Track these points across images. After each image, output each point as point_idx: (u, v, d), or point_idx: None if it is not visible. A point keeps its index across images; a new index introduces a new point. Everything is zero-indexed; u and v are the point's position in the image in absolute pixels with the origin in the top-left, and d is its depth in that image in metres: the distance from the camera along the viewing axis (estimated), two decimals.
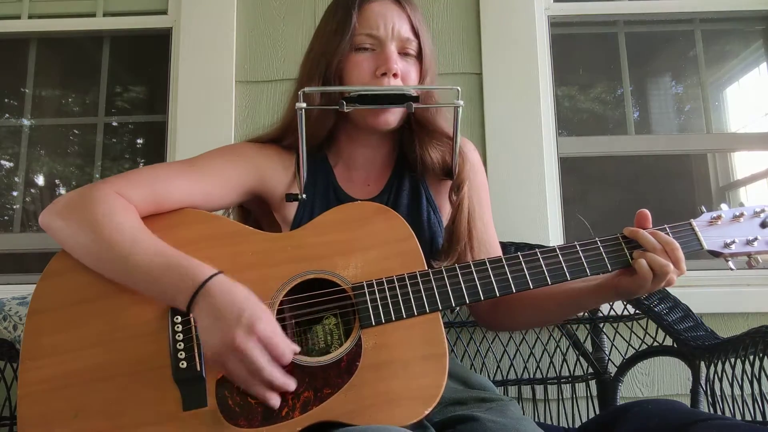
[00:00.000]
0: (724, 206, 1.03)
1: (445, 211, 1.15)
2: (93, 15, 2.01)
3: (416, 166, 1.13)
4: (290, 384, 0.86)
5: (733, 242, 1.00)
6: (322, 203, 1.10)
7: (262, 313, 0.84)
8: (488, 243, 1.17)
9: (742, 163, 2.01)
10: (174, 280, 0.88)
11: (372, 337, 0.91)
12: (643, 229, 0.98)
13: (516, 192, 1.72)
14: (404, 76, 1.06)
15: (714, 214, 1.02)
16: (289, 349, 0.85)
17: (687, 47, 2.07)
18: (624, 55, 2.03)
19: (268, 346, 0.83)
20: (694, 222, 1.01)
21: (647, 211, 1.00)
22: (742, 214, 1.02)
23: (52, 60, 2.15)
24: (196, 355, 0.87)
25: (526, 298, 1.05)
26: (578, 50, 2.09)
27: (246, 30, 1.86)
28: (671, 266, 0.93)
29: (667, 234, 0.98)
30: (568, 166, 1.87)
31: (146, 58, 2.12)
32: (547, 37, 1.87)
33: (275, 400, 0.85)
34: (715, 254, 1.01)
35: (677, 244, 0.94)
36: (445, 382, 0.88)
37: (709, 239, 1.00)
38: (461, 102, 1.01)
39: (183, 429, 0.86)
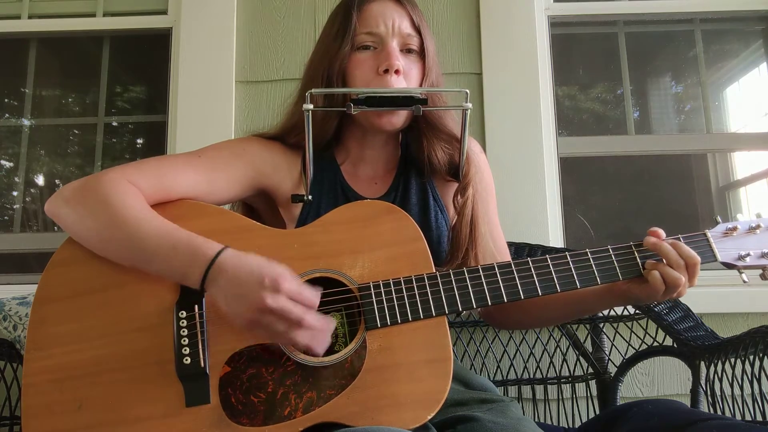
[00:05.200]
0: (739, 217, 1.02)
1: (452, 212, 1.15)
2: (93, 15, 2.01)
3: (422, 166, 1.13)
4: (331, 324, 0.86)
5: (748, 255, 0.98)
6: (330, 201, 1.10)
7: (282, 272, 0.84)
8: (494, 247, 1.17)
9: (742, 163, 2.02)
10: (183, 258, 0.88)
11: (377, 339, 0.91)
12: None
13: (516, 192, 1.72)
14: (407, 73, 1.06)
15: (729, 225, 1.01)
16: (315, 295, 0.86)
17: (687, 47, 2.07)
18: (624, 55, 2.03)
19: (298, 298, 0.83)
20: (709, 233, 1.00)
21: (661, 231, 0.98)
22: (758, 226, 1.00)
23: (52, 60, 2.15)
24: (201, 350, 0.88)
25: (534, 301, 1.04)
26: (578, 50, 2.09)
27: (246, 30, 1.86)
28: (683, 279, 0.93)
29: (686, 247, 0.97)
30: (568, 166, 1.87)
31: (146, 58, 2.12)
32: (547, 37, 1.88)
33: (323, 343, 0.86)
34: (728, 266, 1.00)
35: (699, 259, 0.94)
36: (448, 387, 0.88)
37: (724, 251, 0.99)
38: (469, 105, 1.01)
39: (185, 424, 0.86)
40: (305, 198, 1.07)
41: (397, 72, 1.04)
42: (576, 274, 0.96)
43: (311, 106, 0.99)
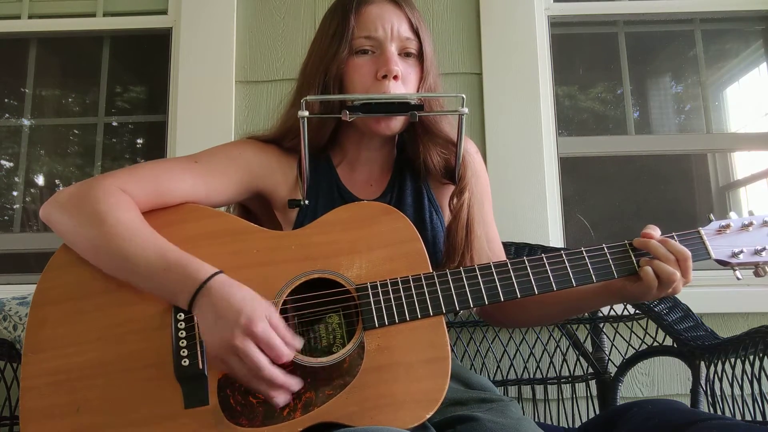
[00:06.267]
0: (733, 214, 1.02)
1: (447, 213, 1.15)
2: (93, 15, 2.01)
3: (418, 168, 1.13)
4: (292, 384, 0.86)
5: (741, 252, 0.99)
6: (327, 204, 1.09)
7: (261, 313, 0.84)
8: (490, 248, 1.17)
9: (742, 163, 2.02)
10: (174, 279, 0.88)
11: (375, 338, 0.91)
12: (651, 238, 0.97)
13: (516, 192, 1.72)
14: (405, 78, 1.05)
15: (723, 222, 1.01)
16: (288, 349, 0.85)
17: (687, 47, 2.07)
18: (624, 55, 2.03)
19: (266, 347, 0.83)
20: (702, 230, 1.00)
21: (656, 231, 0.98)
22: (751, 223, 1.00)
23: (52, 60, 2.16)
24: (199, 352, 0.87)
25: (531, 299, 1.04)
26: (578, 50, 2.09)
27: (246, 30, 1.87)
28: (678, 275, 0.93)
29: (675, 242, 0.98)
30: (568, 166, 1.87)
31: (146, 58, 2.12)
32: (547, 37, 1.88)
33: (279, 399, 0.85)
34: (722, 263, 1.00)
35: (689, 254, 0.94)
36: (447, 386, 0.88)
37: (717, 248, 0.99)
38: (466, 110, 1.00)
39: (184, 426, 0.86)
40: (302, 203, 1.07)
41: (395, 77, 1.03)
42: (572, 272, 0.97)
43: (307, 113, 0.99)
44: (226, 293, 0.85)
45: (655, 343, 1.44)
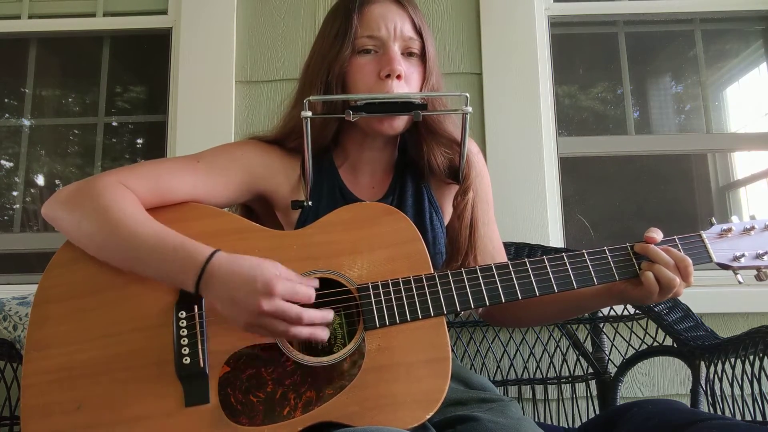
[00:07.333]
0: (735, 218, 1.03)
1: (448, 214, 1.16)
2: (93, 15, 2.01)
3: (420, 168, 1.13)
4: (328, 315, 0.89)
5: (743, 255, 0.99)
6: (329, 205, 1.09)
7: (273, 272, 0.85)
8: (492, 249, 1.18)
9: (742, 163, 2.02)
10: (177, 263, 0.89)
11: (376, 339, 0.91)
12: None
13: (516, 192, 1.72)
14: (408, 77, 1.05)
15: (724, 226, 1.01)
16: (310, 289, 0.87)
17: (687, 47, 2.07)
18: (624, 55, 2.03)
19: (294, 297, 0.85)
20: (704, 234, 1.00)
21: (657, 236, 0.98)
22: (753, 227, 1.01)
23: (52, 60, 2.16)
24: (200, 350, 0.88)
25: (531, 299, 1.04)
26: (578, 50, 2.09)
27: (246, 30, 1.86)
28: (678, 280, 0.93)
29: (677, 245, 0.98)
30: (568, 166, 1.87)
31: (146, 58, 2.12)
32: (547, 37, 1.88)
33: (324, 334, 0.88)
34: (724, 267, 1.00)
35: (690, 261, 0.94)
36: (447, 387, 0.88)
37: (719, 252, 0.99)
38: (469, 108, 1.00)
39: (185, 424, 0.86)
40: (305, 203, 1.07)
41: (398, 77, 1.03)
42: (573, 274, 0.97)
43: (310, 114, 0.98)
44: (232, 268, 0.87)
45: (655, 343, 1.44)
